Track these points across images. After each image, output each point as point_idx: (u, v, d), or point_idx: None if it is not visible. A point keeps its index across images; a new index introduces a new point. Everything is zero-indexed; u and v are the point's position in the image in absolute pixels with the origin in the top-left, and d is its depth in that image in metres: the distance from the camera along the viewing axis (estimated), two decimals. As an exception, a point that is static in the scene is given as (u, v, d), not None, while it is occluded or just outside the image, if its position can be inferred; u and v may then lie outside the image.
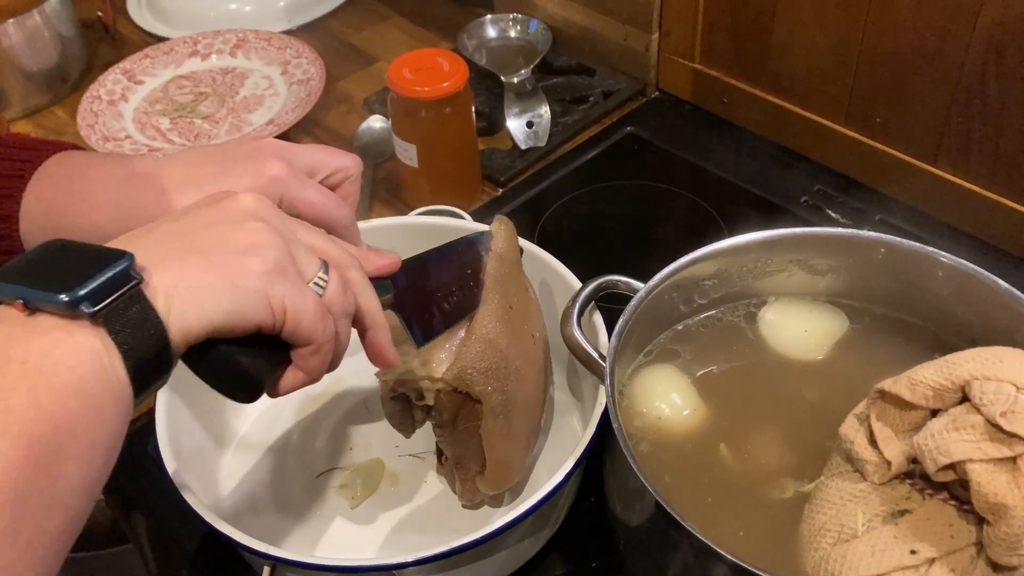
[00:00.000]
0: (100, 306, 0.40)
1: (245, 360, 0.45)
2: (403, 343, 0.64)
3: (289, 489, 0.71)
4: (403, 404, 0.66)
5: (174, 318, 0.42)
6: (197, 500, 0.60)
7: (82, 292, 0.40)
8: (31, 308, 0.40)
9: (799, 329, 0.67)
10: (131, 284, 0.41)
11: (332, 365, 0.50)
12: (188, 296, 0.43)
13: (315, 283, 0.47)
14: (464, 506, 0.69)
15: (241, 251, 0.45)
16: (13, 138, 0.64)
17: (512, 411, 0.63)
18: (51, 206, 0.61)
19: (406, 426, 0.68)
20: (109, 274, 0.41)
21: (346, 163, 0.63)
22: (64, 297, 0.39)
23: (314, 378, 0.49)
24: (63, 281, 0.40)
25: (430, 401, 0.64)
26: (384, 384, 0.64)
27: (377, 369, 0.57)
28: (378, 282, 0.54)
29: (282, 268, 0.45)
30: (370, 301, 0.52)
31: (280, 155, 0.59)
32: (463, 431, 0.65)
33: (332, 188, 0.63)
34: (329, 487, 0.71)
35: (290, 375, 0.49)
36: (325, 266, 0.48)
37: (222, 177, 0.58)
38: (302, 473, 0.72)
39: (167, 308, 0.42)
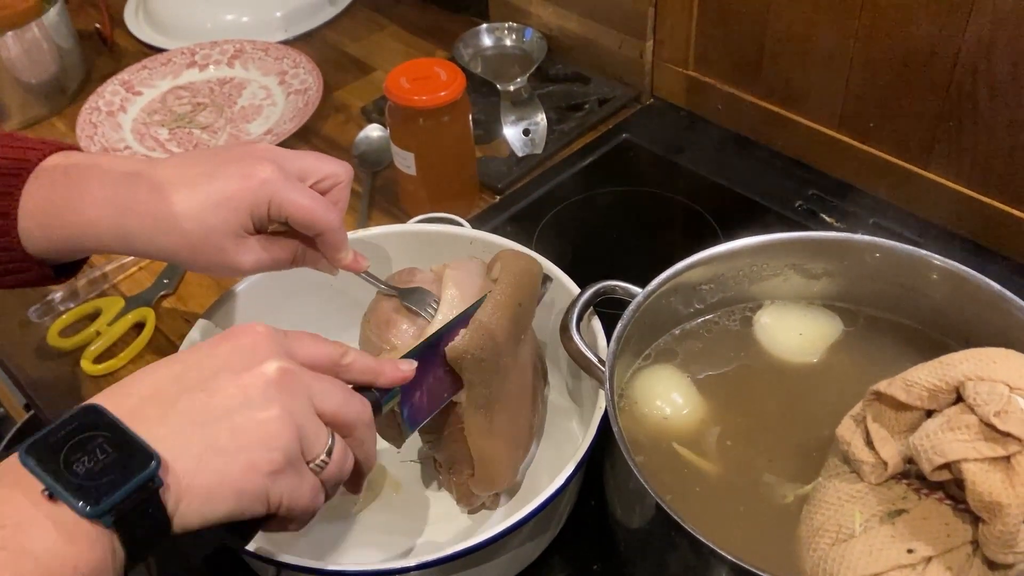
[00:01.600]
0: (120, 517, 0.42)
1: (226, 538, 0.47)
2: (381, 353, 0.65)
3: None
4: (387, 412, 0.67)
5: (178, 518, 0.44)
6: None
7: (106, 506, 0.41)
8: (53, 498, 0.41)
9: (794, 332, 0.68)
10: (151, 491, 0.43)
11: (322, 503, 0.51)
12: (195, 500, 0.44)
13: (317, 464, 0.49)
14: (464, 511, 0.70)
15: (254, 447, 0.46)
16: (13, 137, 0.65)
17: (494, 407, 0.64)
18: (48, 204, 0.62)
19: (394, 435, 0.69)
20: (135, 484, 0.42)
21: (337, 169, 0.65)
22: (88, 509, 0.41)
23: (303, 524, 0.51)
24: (88, 488, 0.41)
25: None
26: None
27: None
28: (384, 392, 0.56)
29: (289, 463, 0.47)
30: (367, 450, 0.53)
31: (271, 158, 0.61)
32: (448, 435, 0.66)
33: (322, 193, 0.64)
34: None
35: (274, 524, 0.49)
36: (332, 440, 0.49)
37: (213, 178, 0.60)
38: None
39: (175, 508, 0.44)
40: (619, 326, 0.61)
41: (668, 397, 0.65)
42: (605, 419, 0.60)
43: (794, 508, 0.58)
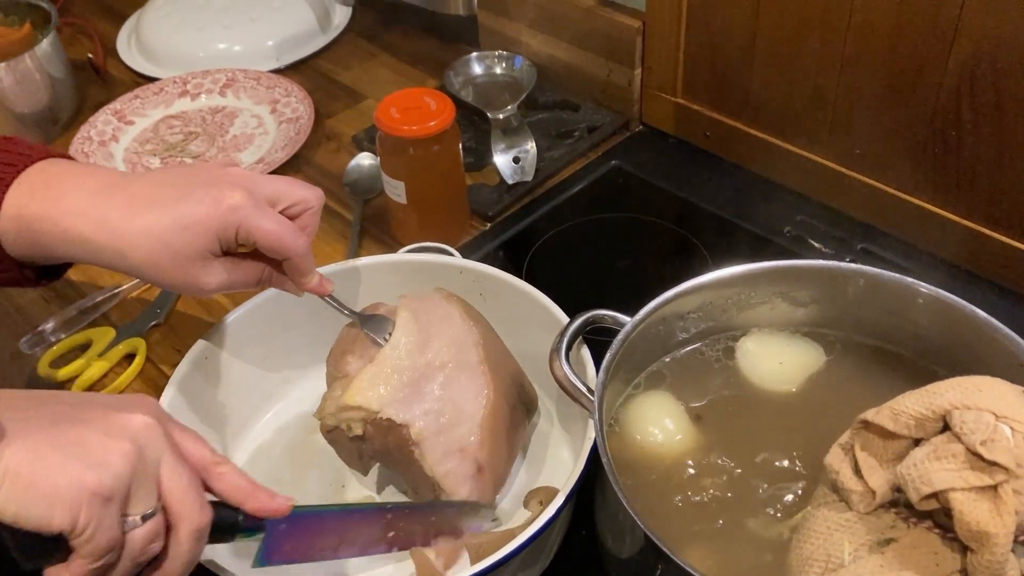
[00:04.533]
0: None
1: (11, 538, 0.46)
2: (334, 383, 0.67)
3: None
4: (344, 440, 0.68)
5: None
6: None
7: None
8: None
9: (775, 361, 0.68)
10: None
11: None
12: (16, 486, 0.45)
13: (131, 521, 0.49)
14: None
15: (91, 463, 0.47)
16: (6, 141, 0.66)
17: (445, 430, 0.65)
18: (25, 210, 0.63)
19: (353, 461, 0.70)
20: None
21: (307, 195, 0.66)
22: None
23: None
24: None
25: (359, 431, 0.66)
26: (321, 423, 0.67)
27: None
28: (252, 522, 0.55)
29: (112, 495, 0.47)
30: (178, 556, 0.51)
31: (242, 184, 0.62)
32: (401, 460, 0.66)
33: (292, 218, 0.65)
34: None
35: (60, 570, 0.48)
36: (155, 512, 0.49)
37: (183, 200, 0.62)
38: (300, 497, 0.72)
39: None
40: (608, 356, 0.61)
41: (658, 425, 0.65)
42: (595, 449, 0.61)
43: (784, 537, 0.58)
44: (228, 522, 0.54)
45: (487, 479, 0.67)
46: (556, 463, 0.74)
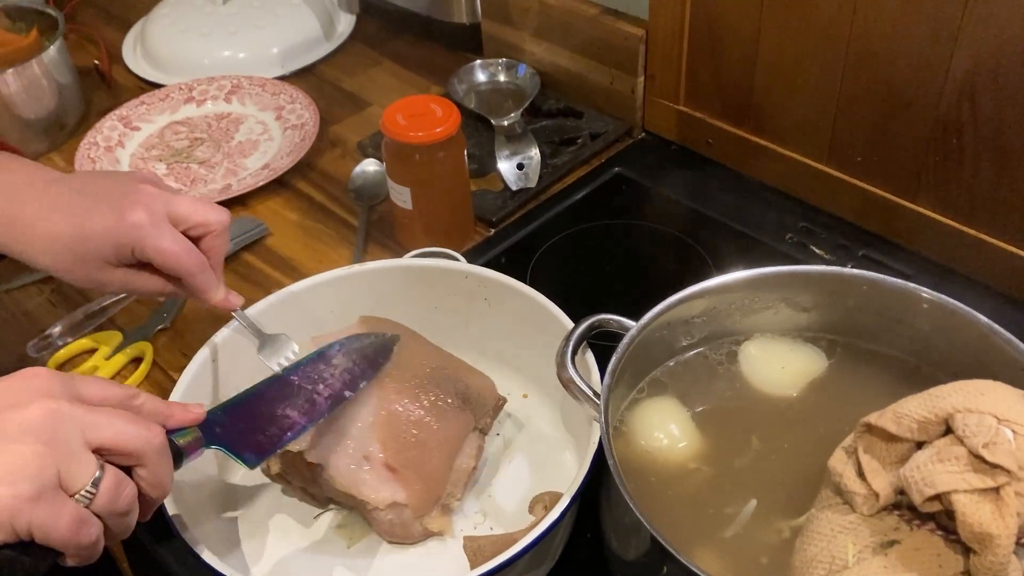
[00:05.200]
0: None
1: (7, 555, 0.48)
2: None
3: (287, 530, 0.72)
4: (281, 481, 0.71)
5: None
6: (206, 551, 0.61)
7: None
8: None
9: (777, 366, 0.69)
10: None
11: (113, 542, 0.53)
12: None
13: (82, 495, 0.50)
14: (392, 542, 0.71)
15: None
16: None
17: (340, 446, 0.67)
18: None
19: (307, 498, 0.72)
20: None
21: (209, 218, 0.69)
22: None
23: (90, 559, 0.52)
24: None
25: (278, 469, 0.69)
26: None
27: None
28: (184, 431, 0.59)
29: (39, 494, 0.48)
30: (158, 476, 0.54)
31: (145, 203, 0.66)
32: (324, 485, 0.69)
33: (197, 239, 0.68)
34: (327, 527, 0.72)
35: (66, 560, 0.51)
36: (101, 472, 0.50)
37: (89, 213, 0.65)
38: (299, 514, 0.73)
39: None
40: (613, 359, 0.62)
41: (663, 429, 0.66)
42: (599, 452, 0.61)
43: (788, 540, 0.58)
44: (172, 450, 0.57)
45: (409, 477, 0.68)
46: (558, 466, 0.75)
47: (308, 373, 0.67)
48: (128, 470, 0.53)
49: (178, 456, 0.57)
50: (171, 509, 0.63)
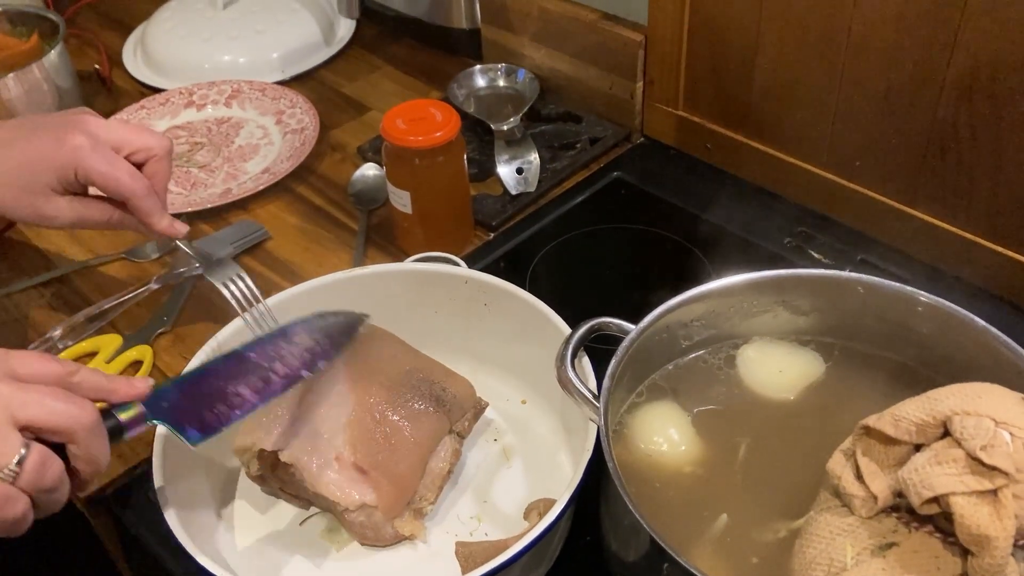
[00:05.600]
0: None
1: None
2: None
3: (275, 534, 0.72)
4: (262, 482, 0.72)
5: None
6: (197, 550, 0.61)
7: None
8: None
9: (775, 370, 0.69)
10: None
11: (44, 515, 0.54)
12: None
13: (5, 473, 0.51)
14: (368, 544, 0.71)
15: None
16: None
17: (311, 446, 0.67)
18: None
19: (290, 499, 0.73)
20: None
21: (151, 142, 0.69)
22: None
23: (15, 533, 0.53)
24: None
25: (257, 470, 0.69)
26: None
27: None
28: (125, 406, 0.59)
29: None
30: (90, 453, 0.55)
31: (85, 129, 0.66)
32: (298, 486, 0.69)
33: (139, 165, 0.69)
34: (315, 531, 0.72)
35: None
36: (26, 451, 0.51)
37: (28, 142, 0.66)
38: (288, 518, 0.73)
39: None
40: (612, 362, 0.62)
41: (662, 432, 0.66)
42: (595, 455, 0.61)
43: (787, 542, 0.58)
44: (109, 426, 0.57)
45: (378, 478, 0.68)
46: (553, 466, 0.75)
47: (267, 350, 0.66)
48: (62, 446, 0.54)
49: (120, 431, 0.58)
50: (167, 511, 0.64)
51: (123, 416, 0.58)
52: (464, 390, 0.75)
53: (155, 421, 0.60)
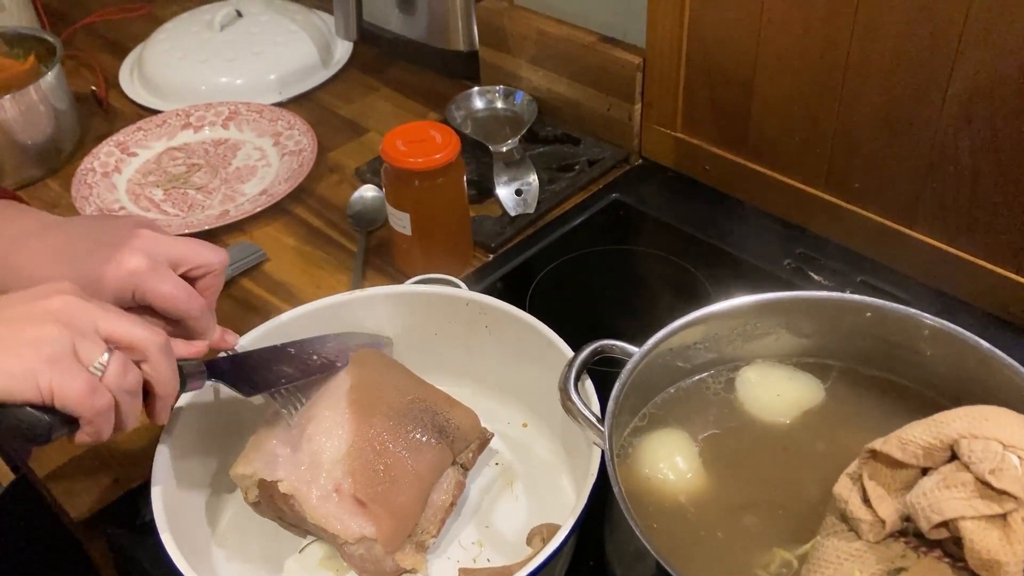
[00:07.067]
0: None
1: (25, 417, 0.55)
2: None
3: (273, 561, 0.71)
4: (260, 510, 0.71)
5: None
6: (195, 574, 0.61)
7: None
8: None
9: (773, 393, 0.69)
10: None
11: (120, 427, 0.59)
12: None
13: (95, 367, 0.57)
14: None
15: (23, 344, 0.55)
16: None
17: (311, 477, 0.67)
18: None
19: (287, 526, 0.72)
20: None
21: (210, 259, 0.70)
22: None
23: (98, 438, 0.58)
24: None
25: (254, 498, 0.69)
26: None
27: None
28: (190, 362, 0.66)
29: (55, 358, 0.55)
30: (161, 373, 0.61)
31: (144, 248, 0.67)
32: (297, 517, 0.68)
33: (194, 280, 0.69)
34: (314, 559, 0.71)
35: (80, 434, 0.58)
36: (109, 354, 0.57)
37: (88, 258, 0.66)
38: (286, 545, 0.72)
39: None
40: (617, 386, 0.62)
41: (665, 456, 0.66)
42: (599, 480, 0.61)
43: (794, 567, 0.58)
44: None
45: (378, 511, 0.67)
46: (554, 490, 0.74)
47: (303, 347, 0.74)
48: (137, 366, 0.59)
49: (182, 383, 0.63)
50: (163, 535, 0.63)
51: (187, 368, 0.64)
52: (468, 421, 0.74)
53: (213, 380, 0.67)
